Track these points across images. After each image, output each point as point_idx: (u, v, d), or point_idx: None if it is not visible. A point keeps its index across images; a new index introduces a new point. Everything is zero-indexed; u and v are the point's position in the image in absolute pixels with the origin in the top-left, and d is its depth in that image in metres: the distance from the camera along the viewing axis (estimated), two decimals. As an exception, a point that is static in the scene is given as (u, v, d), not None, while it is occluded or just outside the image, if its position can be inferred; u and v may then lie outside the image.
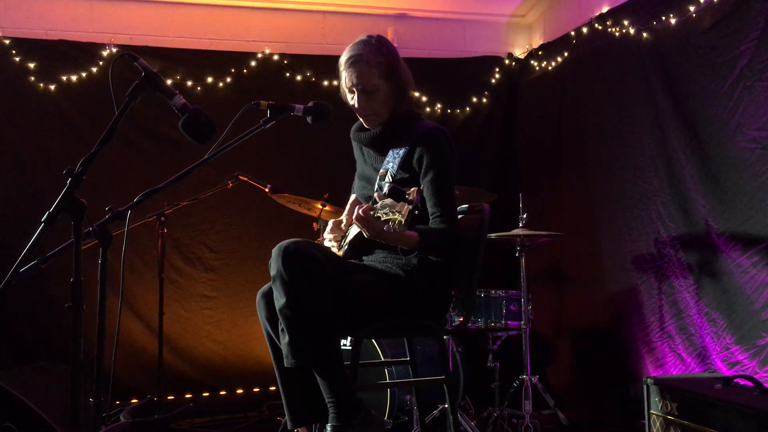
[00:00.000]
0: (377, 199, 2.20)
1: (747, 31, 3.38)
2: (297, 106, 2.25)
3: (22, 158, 4.52)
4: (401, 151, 2.50)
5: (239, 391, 4.82)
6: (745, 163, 3.39)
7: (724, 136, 3.51)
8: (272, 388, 4.70)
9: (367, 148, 2.67)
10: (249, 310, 4.70)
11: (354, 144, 2.77)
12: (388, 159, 2.54)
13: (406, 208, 2.05)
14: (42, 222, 1.69)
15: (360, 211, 2.22)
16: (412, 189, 2.09)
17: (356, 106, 2.54)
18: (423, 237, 2.36)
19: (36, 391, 3.52)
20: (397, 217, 2.05)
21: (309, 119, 2.29)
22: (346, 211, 2.72)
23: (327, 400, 2.30)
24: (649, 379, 3.23)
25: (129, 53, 1.83)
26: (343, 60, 2.53)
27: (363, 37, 2.55)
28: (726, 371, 3.42)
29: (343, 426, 2.27)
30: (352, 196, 2.83)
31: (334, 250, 2.68)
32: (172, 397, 4.60)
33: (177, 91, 1.87)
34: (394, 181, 2.45)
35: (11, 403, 3.41)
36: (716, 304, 3.56)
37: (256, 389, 4.83)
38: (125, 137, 4.66)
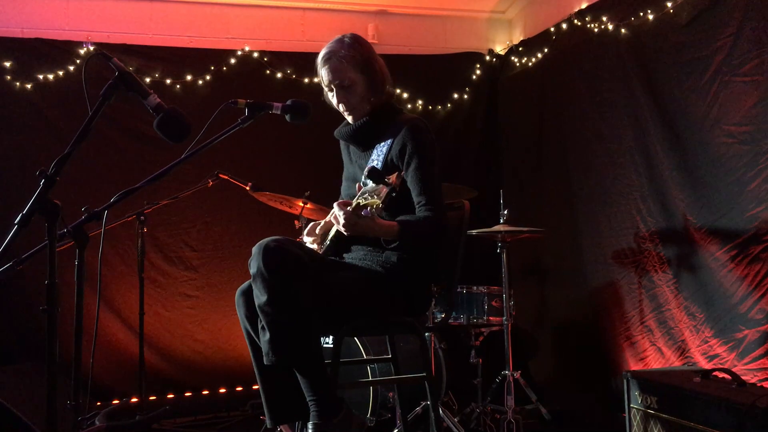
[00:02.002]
0: (357, 191, 2.20)
1: (724, 26, 3.41)
2: (275, 104, 2.24)
3: (-1, 157, 4.47)
4: (384, 148, 2.51)
5: (222, 390, 4.80)
6: (722, 157, 3.42)
7: (702, 131, 3.54)
8: (255, 387, 4.66)
9: (352, 147, 2.67)
10: (231, 308, 4.63)
11: (341, 144, 2.77)
12: (373, 156, 2.55)
13: (385, 190, 2.03)
14: (16, 224, 1.67)
15: (335, 207, 2.23)
16: (393, 173, 2.09)
17: (336, 102, 2.56)
18: (403, 226, 2.35)
19: (15, 394, 3.49)
20: (375, 200, 2.03)
21: (287, 117, 2.28)
22: (328, 216, 2.71)
23: (308, 398, 2.29)
24: (628, 373, 3.26)
25: (102, 53, 1.81)
26: (318, 59, 2.56)
27: (338, 36, 2.57)
28: (705, 364, 3.45)
29: (325, 424, 2.27)
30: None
31: (315, 247, 2.68)
32: (154, 398, 4.58)
33: (152, 91, 1.85)
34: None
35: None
36: (695, 297, 3.59)
37: (239, 388, 4.81)
38: (105, 136, 4.63)
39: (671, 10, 3.73)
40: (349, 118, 2.61)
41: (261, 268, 2.22)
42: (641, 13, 3.93)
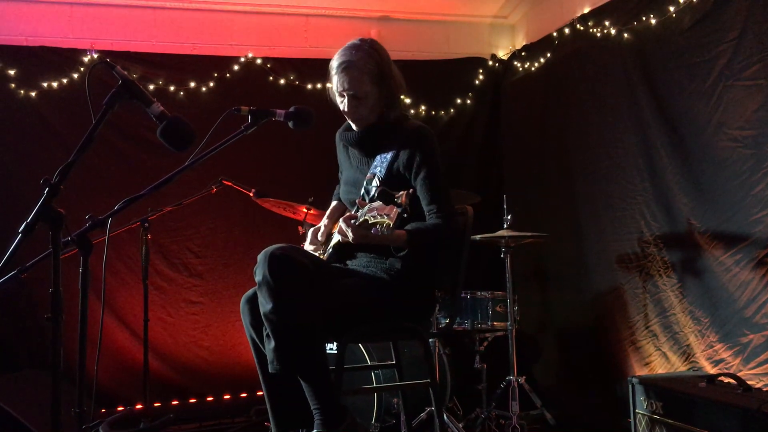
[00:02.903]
0: (359, 206, 2.21)
1: (726, 30, 3.41)
2: (278, 111, 2.24)
3: (3, 166, 4.48)
4: (389, 155, 2.51)
5: (226, 396, 4.80)
6: (725, 162, 3.42)
7: (705, 136, 3.53)
8: (260, 393, 4.62)
9: (353, 150, 2.67)
10: (235, 315, 4.68)
11: (339, 147, 2.77)
12: (375, 163, 2.55)
13: (395, 211, 2.07)
14: (20, 232, 1.67)
15: (341, 222, 2.24)
16: (401, 192, 2.12)
17: (346, 110, 2.55)
18: (413, 234, 2.37)
19: (20, 401, 3.49)
20: (385, 220, 2.06)
21: (290, 124, 2.28)
22: (325, 218, 2.72)
23: (312, 406, 2.29)
24: (634, 379, 3.25)
25: (106, 61, 1.82)
26: (334, 64, 2.52)
27: (356, 41, 2.55)
28: (710, 369, 3.44)
29: None
30: (334, 202, 2.83)
31: (318, 254, 2.68)
32: (159, 404, 4.58)
33: (155, 99, 1.85)
34: (383, 184, 2.45)
35: (-5, 413, 3.38)
36: (700, 302, 3.58)
37: (244, 394, 4.81)
38: (109, 143, 4.64)
39: (674, 15, 3.73)
40: (354, 125, 2.62)
41: (266, 276, 2.23)
42: (644, 18, 3.93)
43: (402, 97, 2.62)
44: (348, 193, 2.69)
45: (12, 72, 4.49)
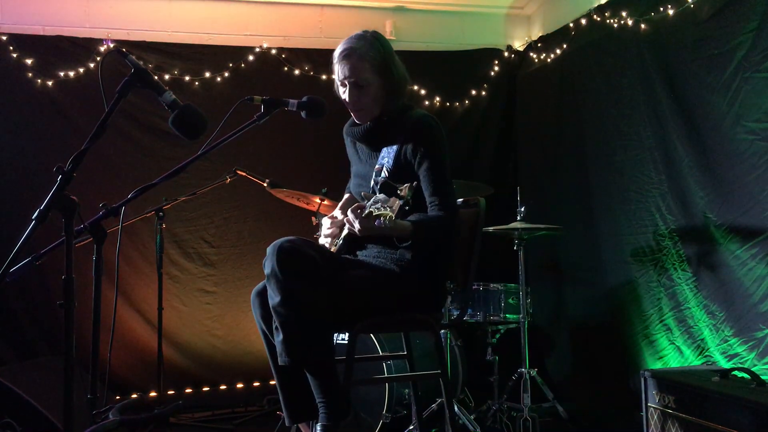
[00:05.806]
0: (366, 198, 2.22)
1: (745, 21, 3.36)
2: (291, 101, 2.24)
3: (20, 154, 4.52)
4: (394, 147, 2.51)
5: (239, 385, 4.84)
6: (743, 154, 3.37)
7: (723, 128, 3.49)
8: (272, 382, 4.65)
9: (360, 144, 2.67)
10: (248, 304, 4.60)
11: (347, 141, 2.77)
12: (383, 155, 2.55)
13: (397, 203, 2.11)
14: (33, 219, 1.69)
15: (349, 213, 2.25)
16: (404, 185, 2.15)
17: (347, 99, 2.54)
18: (416, 226, 2.37)
19: (36, 387, 3.53)
20: (388, 212, 2.10)
21: (303, 114, 2.29)
22: (337, 209, 2.72)
23: (318, 400, 2.29)
24: (646, 372, 3.23)
25: (118, 49, 1.83)
26: (336, 53, 2.53)
27: (359, 32, 2.55)
28: (724, 363, 3.42)
29: (333, 426, 2.27)
30: (346, 195, 2.83)
31: (327, 243, 2.68)
32: (173, 392, 4.62)
33: (167, 87, 1.86)
34: (390, 176, 2.46)
35: (11, 399, 3.43)
36: (715, 296, 3.55)
37: (257, 383, 4.84)
38: (124, 132, 4.67)
39: (692, 5, 3.69)
40: (355, 116, 2.61)
41: (275, 269, 2.23)
42: (661, 8, 3.89)
43: (406, 89, 2.59)
44: (358, 186, 2.69)
45: (29, 61, 4.53)
